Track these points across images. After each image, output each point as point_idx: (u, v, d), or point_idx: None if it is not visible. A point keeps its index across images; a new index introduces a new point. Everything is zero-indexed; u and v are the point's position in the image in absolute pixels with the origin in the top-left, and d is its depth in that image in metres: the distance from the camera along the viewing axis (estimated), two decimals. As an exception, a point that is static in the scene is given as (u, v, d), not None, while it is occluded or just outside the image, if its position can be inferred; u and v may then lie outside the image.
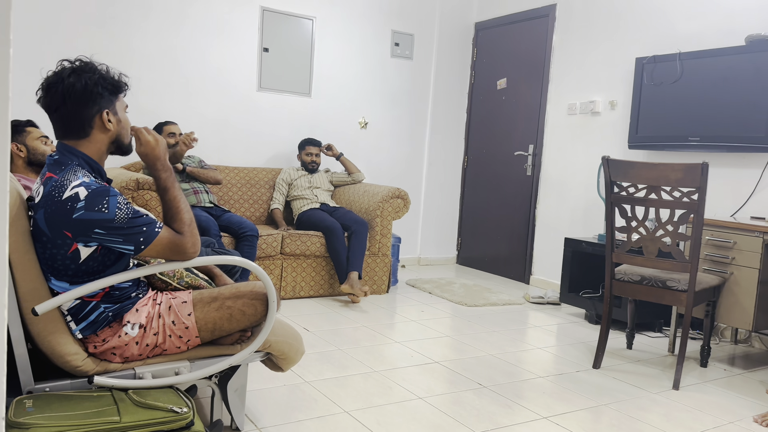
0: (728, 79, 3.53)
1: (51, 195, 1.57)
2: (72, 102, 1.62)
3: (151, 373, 1.74)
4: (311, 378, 2.60)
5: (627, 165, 2.81)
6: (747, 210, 3.57)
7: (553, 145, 4.80)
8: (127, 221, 1.58)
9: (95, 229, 1.56)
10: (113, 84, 1.70)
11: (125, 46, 4.12)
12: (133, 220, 1.60)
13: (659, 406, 2.53)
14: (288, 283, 3.97)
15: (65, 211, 1.55)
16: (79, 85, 1.63)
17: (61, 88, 1.62)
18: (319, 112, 4.92)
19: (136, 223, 1.60)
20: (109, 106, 1.69)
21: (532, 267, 4.99)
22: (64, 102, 1.62)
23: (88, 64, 1.68)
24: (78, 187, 1.56)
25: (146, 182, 3.36)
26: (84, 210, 1.55)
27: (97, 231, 1.56)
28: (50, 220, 1.56)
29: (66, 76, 1.63)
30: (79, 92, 1.62)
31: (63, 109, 1.63)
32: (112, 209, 1.57)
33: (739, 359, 3.28)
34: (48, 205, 1.57)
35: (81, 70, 1.65)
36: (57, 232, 1.57)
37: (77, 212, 1.54)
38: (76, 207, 1.55)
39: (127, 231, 1.59)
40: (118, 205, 1.58)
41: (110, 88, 1.69)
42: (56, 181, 1.59)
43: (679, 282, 2.79)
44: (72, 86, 1.62)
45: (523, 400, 2.50)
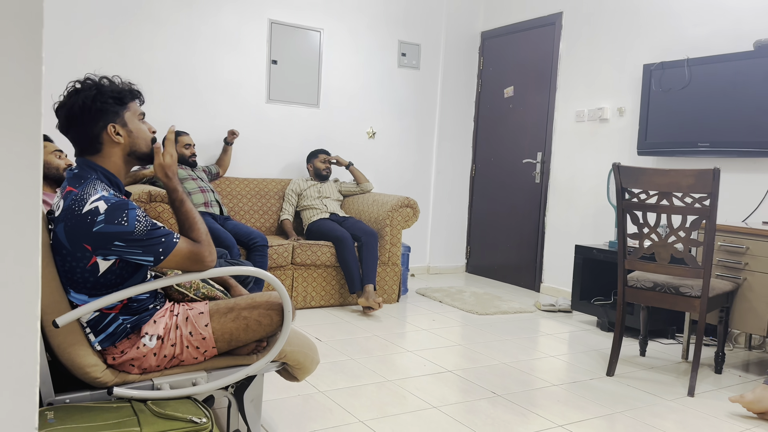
0: (737, 85, 3.53)
1: (71, 209, 1.60)
2: (76, 122, 1.66)
3: (169, 383, 1.75)
4: (325, 388, 2.60)
5: (638, 171, 2.81)
6: (759, 215, 3.56)
7: (562, 153, 4.80)
8: (146, 233, 1.61)
9: (115, 241, 1.58)
10: (116, 96, 1.70)
11: (136, 59, 4.16)
12: (151, 231, 1.62)
13: (674, 413, 2.51)
14: (299, 293, 3.98)
15: (85, 225, 1.57)
16: (77, 106, 1.65)
17: (65, 111, 1.67)
18: (327, 122, 4.95)
19: (154, 234, 1.62)
20: (114, 120, 1.69)
21: (542, 275, 4.99)
22: (69, 123, 1.67)
23: (87, 81, 1.68)
24: (98, 201, 1.59)
25: (158, 195, 3.38)
26: (104, 223, 1.57)
27: (117, 243, 1.58)
28: (70, 234, 1.58)
29: (68, 97, 1.67)
30: (78, 112, 1.65)
31: (72, 130, 1.68)
32: (131, 222, 1.59)
33: (754, 365, 3.26)
34: (68, 219, 1.59)
35: (80, 89, 1.67)
36: (77, 246, 1.59)
37: (97, 225, 1.56)
38: (96, 220, 1.57)
39: (147, 243, 1.61)
40: (137, 217, 1.61)
41: (112, 100, 1.69)
42: (76, 195, 1.61)
43: (692, 288, 2.78)
44: (72, 107, 1.66)
45: (538, 408, 2.49)
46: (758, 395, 2.47)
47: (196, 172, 4.05)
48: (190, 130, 4.38)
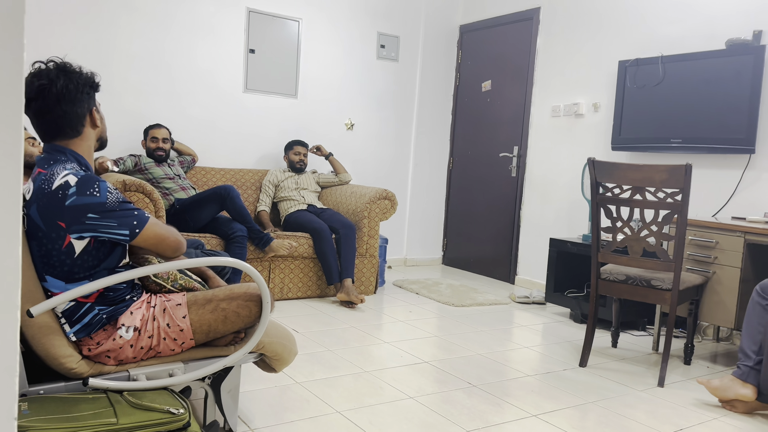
0: (709, 82, 3.61)
1: (41, 188, 1.60)
2: (66, 103, 1.66)
3: (146, 374, 1.74)
4: (302, 379, 2.61)
5: (612, 166, 2.86)
6: (728, 210, 3.65)
7: (538, 147, 4.86)
8: (118, 204, 1.62)
9: (88, 213, 1.58)
10: (94, 83, 1.76)
11: (111, 46, 4.09)
12: (124, 204, 1.64)
13: (645, 403, 2.58)
14: (276, 284, 3.97)
15: (57, 200, 1.57)
16: (72, 86, 1.67)
17: (55, 91, 1.64)
18: (305, 113, 4.93)
19: (127, 207, 1.64)
20: (95, 104, 1.76)
21: (517, 267, 5.05)
22: (58, 104, 1.65)
23: (68, 64, 1.71)
24: (67, 176, 1.60)
25: (133, 184, 3.34)
26: (76, 196, 1.57)
27: (91, 216, 1.58)
28: (43, 212, 1.58)
29: (55, 77, 1.65)
30: (73, 93, 1.67)
31: (57, 110, 1.66)
32: (103, 193, 1.60)
33: (722, 357, 3.35)
34: (40, 198, 1.59)
35: (68, 71, 1.68)
36: (51, 225, 1.58)
37: (69, 199, 1.57)
38: (67, 194, 1.58)
39: (120, 214, 1.61)
40: (108, 189, 1.62)
41: (93, 88, 1.75)
42: (45, 175, 1.63)
43: (664, 281, 2.84)
44: (65, 88, 1.66)
45: (512, 399, 2.53)
46: (725, 384, 2.54)
47: (173, 169, 4.00)
48: (166, 119, 4.32)
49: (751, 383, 2.49)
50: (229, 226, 3.67)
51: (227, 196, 3.64)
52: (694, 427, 2.36)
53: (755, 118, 3.41)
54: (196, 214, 3.67)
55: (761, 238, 2.90)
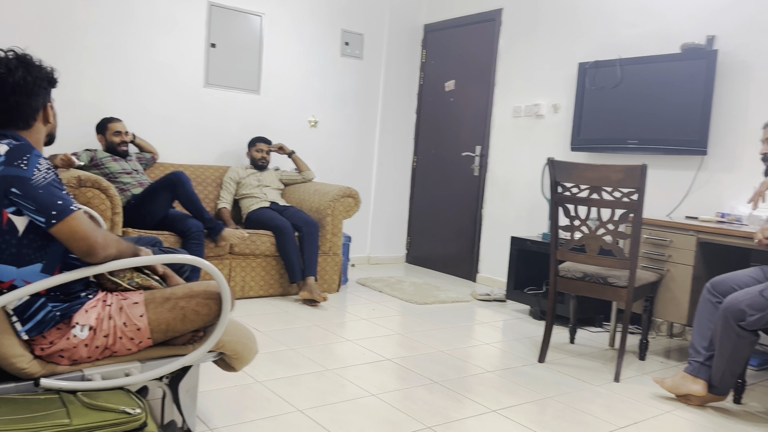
0: (665, 85, 3.71)
1: None
2: (21, 95, 1.62)
3: (101, 374, 1.70)
4: (263, 378, 2.58)
5: (571, 166, 2.92)
6: (682, 210, 3.76)
7: (500, 147, 4.92)
8: (44, 186, 1.53)
9: (11, 188, 1.51)
10: (52, 78, 1.72)
11: (67, 38, 3.98)
12: (51, 187, 1.54)
13: (601, 398, 2.64)
14: (237, 283, 3.93)
15: None
16: (30, 79, 1.63)
17: (12, 81, 1.60)
18: (268, 109, 4.88)
19: (53, 192, 1.54)
20: (50, 100, 1.72)
21: (479, 265, 5.10)
22: (12, 93, 1.61)
23: (29, 56, 1.67)
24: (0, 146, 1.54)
25: (89, 179, 3.26)
26: (4, 166, 1.51)
27: (14, 191, 1.51)
28: None
29: (14, 68, 1.62)
30: (30, 85, 1.63)
31: (11, 100, 1.61)
32: (31, 167, 1.52)
33: (675, 352, 3.45)
34: None
35: (28, 63, 1.65)
36: None
37: None
38: None
39: (42, 197, 1.51)
40: (38, 165, 1.54)
41: (50, 83, 1.71)
42: None
43: (620, 278, 2.91)
44: (23, 79, 1.62)
45: (473, 394, 2.56)
46: (677, 381, 2.63)
47: (131, 164, 3.91)
48: (123, 114, 4.23)
49: (702, 378, 2.57)
50: (186, 222, 3.60)
51: (177, 181, 3.56)
52: (649, 421, 2.42)
53: (707, 120, 3.52)
54: (151, 207, 3.59)
55: (713, 237, 2.99)
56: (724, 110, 3.57)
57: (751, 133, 3.47)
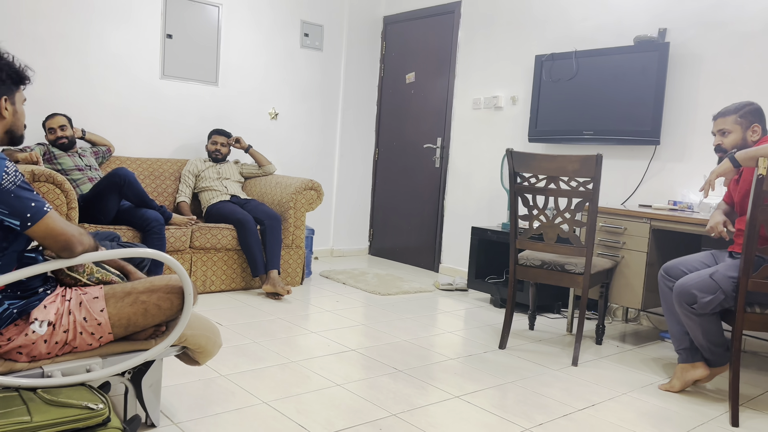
0: (618, 77, 3.81)
1: None
2: None
3: (61, 371, 1.67)
4: (227, 371, 2.57)
5: (529, 157, 2.98)
6: (636, 198, 3.88)
7: (460, 138, 4.97)
8: (14, 189, 1.51)
9: None
10: (17, 74, 1.67)
11: (15, 28, 3.85)
12: (21, 190, 1.53)
13: (560, 382, 2.71)
14: (198, 277, 3.88)
15: None
16: None
17: None
18: (227, 101, 4.82)
19: (23, 194, 1.53)
20: (8, 94, 1.66)
21: (441, 255, 5.16)
22: None
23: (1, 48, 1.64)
24: None
25: (42, 174, 3.17)
26: None
27: None
28: None
29: None
30: None
31: None
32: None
33: (630, 336, 3.57)
34: None
35: None
36: None
37: None
38: None
39: (14, 201, 1.51)
40: (6, 169, 1.51)
41: (14, 77, 1.66)
42: None
43: (576, 266, 3.00)
44: None
45: (436, 381, 2.61)
46: (680, 377, 2.65)
47: (84, 160, 3.81)
48: (77, 107, 4.12)
49: (698, 361, 2.63)
50: (145, 216, 3.54)
51: (123, 183, 3.45)
52: (606, 403, 2.51)
53: (660, 111, 3.64)
54: (101, 208, 3.50)
55: (665, 224, 3.10)
56: (676, 101, 3.69)
57: (701, 124, 3.60)
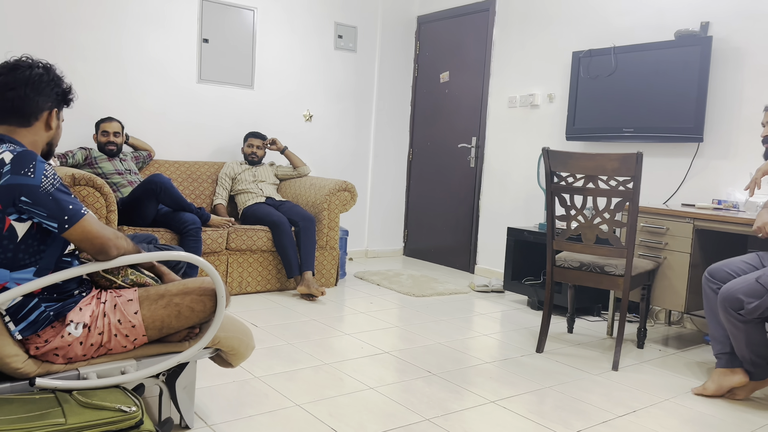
0: (659, 73, 3.70)
1: None
2: (32, 88, 1.65)
3: (96, 373, 1.70)
4: (261, 373, 2.58)
5: (566, 155, 2.91)
6: (678, 197, 3.75)
7: (495, 137, 4.90)
8: (53, 192, 1.55)
9: (21, 196, 1.53)
10: (66, 93, 1.77)
11: (58, 37, 3.95)
12: (59, 193, 1.57)
13: (600, 387, 2.64)
14: (234, 278, 3.92)
15: None
16: (46, 78, 1.68)
17: (28, 73, 1.65)
18: (262, 104, 4.86)
19: (61, 197, 1.57)
20: (58, 109, 1.76)
21: (476, 256, 5.10)
22: (25, 85, 1.64)
23: (54, 67, 1.75)
24: (3, 153, 1.56)
25: (83, 177, 3.24)
26: (10, 174, 1.53)
27: (24, 199, 1.53)
28: None
29: (35, 66, 1.68)
30: (44, 84, 1.67)
31: (20, 90, 1.64)
32: (38, 175, 1.55)
33: (673, 340, 3.45)
34: None
35: (49, 69, 1.72)
36: None
37: (4, 177, 1.53)
38: (2, 172, 1.53)
39: (52, 203, 1.54)
40: (45, 172, 1.56)
41: (64, 96, 1.76)
42: None
43: (616, 267, 2.91)
44: (40, 76, 1.67)
45: (471, 386, 2.56)
46: (716, 382, 2.55)
47: (125, 164, 3.89)
48: (117, 112, 4.20)
49: (738, 367, 2.52)
50: (182, 219, 3.59)
51: (159, 189, 3.49)
52: (647, 409, 2.42)
53: (703, 107, 3.51)
54: (140, 212, 3.56)
55: (709, 224, 2.99)
56: (719, 97, 3.56)
57: (746, 120, 3.46)
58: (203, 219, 3.73)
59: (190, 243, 3.58)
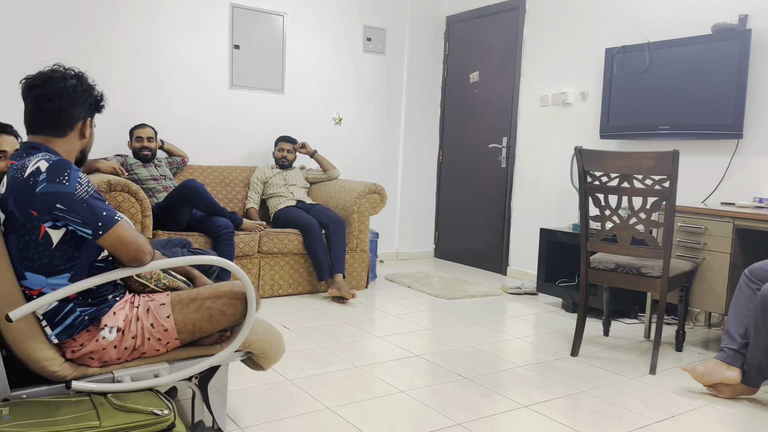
0: (696, 68, 3.60)
1: (14, 178, 1.60)
2: (66, 99, 1.68)
3: (130, 376, 1.72)
4: (292, 376, 2.59)
5: (599, 154, 2.85)
6: (717, 196, 3.65)
7: (527, 137, 4.84)
8: (87, 199, 1.58)
9: (57, 203, 1.56)
10: (99, 101, 1.80)
11: (93, 45, 4.04)
12: (93, 200, 1.60)
13: (637, 391, 2.57)
14: (266, 281, 3.95)
15: (29, 187, 1.57)
16: (79, 89, 1.71)
17: (63, 85, 1.68)
18: (293, 108, 4.90)
19: (96, 204, 1.60)
20: (92, 117, 1.79)
21: (509, 258, 5.04)
22: (59, 96, 1.67)
23: (86, 75, 1.78)
24: (39, 162, 1.59)
25: (118, 184, 3.31)
26: (46, 182, 1.56)
27: (59, 207, 1.57)
28: (18, 201, 1.58)
29: (69, 77, 1.71)
30: (78, 94, 1.71)
31: (56, 102, 1.67)
32: (72, 183, 1.58)
33: (713, 342, 3.35)
34: (14, 188, 1.59)
35: (82, 78, 1.75)
36: (25, 214, 1.58)
37: (40, 185, 1.57)
38: (38, 180, 1.57)
39: (86, 210, 1.57)
40: (79, 179, 1.59)
41: (96, 104, 1.79)
42: (17, 166, 1.63)
43: (653, 268, 2.84)
44: (74, 87, 1.70)
45: (504, 390, 2.53)
46: (708, 369, 2.53)
47: (159, 170, 3.96)
48: (152, 119, 4.28)
49: (737, 366, 2.48)
50: (215, 223, 3.63)
51: (193, 194, 3.55)
52: (686, 414, 2.36)
53: (742, 103, 3.41)
54: (175, 217, 3.62)
55: (750, 223, 2.89)
56: (759, 91, 3.45)
57: (788, 115, 3.34)
58: (236, 223, 3.78)
59: (224, 247, 3.62)
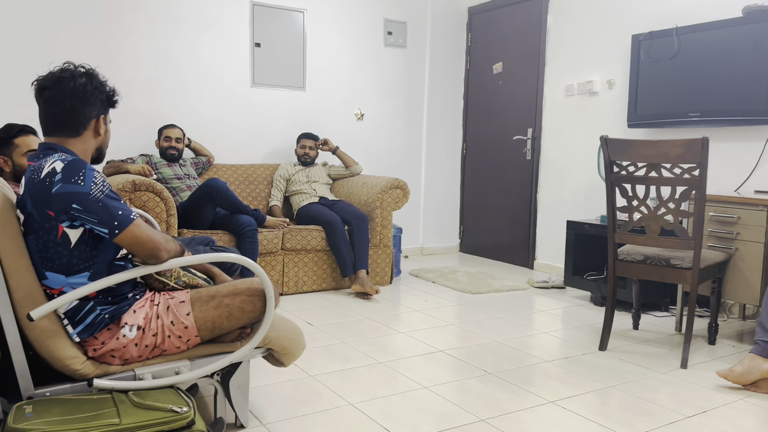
0: (726, 53, 3.48)
1: (31, 179, 1.62)
2: (77, 99, 1.68)
3: (152, 373, 1.73)
4: (315, 372, 2.59)
5: (626, 143, 2.78)
6: (751, 184, 3.53)
7: (552, 128, 4.76)
8: (102, 198, 1.59)
9: (73, 204, 1.57)
10: (112, 96, 1.79)
11: (116, 47, 4.09)
12: (109, 199, 1.60)
13: (667, 386, 2.51)
14: (290, 278, 3.96)
15: (45, 188, 1.58)
16: (90, 88, 1.70)
17: (72, 85, 1.67)
18: (314, 105, 4.89)
19: (111, 203, 1.60)
20: (105, 114, 1.79)
21: (535, 252, 4.97)
22: (70, 97, 1.67)
23: (95, 71, 1.76)
24: (54, 163, 1.60)
25: (143, 184, 3.34)
26: (61, 183, 1.57)
27: (75, 207, 1.57)
28: (35, 202, 1.60)
29: (78, 75, 1.70)
30: (88, 93, 1.70)
31: (67, 103, 1.67)
32: (87, 182, 1.58)
33: (748, 335, 3.25)
34: (31, 189, 1.61)
35: (92, 75, 1.74)
36: (43, 214, 1.59)
37: (56, 186, 1.58)
38: (54, 181, 1.58)
39: (101, 210, 1.58)
40: (94, 179, 1.60)
41: (109, 100, 1.78)
42: (33, 167, 1.64)
43: (683, 260, 2.76)
44: (84, 86, 1.69)
45: (529, 386, 2.48)
46: (746, 367, 2.45)
47: (183, 169, 4.00)
48: (176, 119, 4.32)
49: None
50: (238, 221, 3.65)
51: (216, 193, 3.57)
52: (719, 409, 2.28)
53: (775, 87, 3.29)
54: (198, 216, 3.65)
55: (785, 212, 2.79)
56: (794, 75, 3.32)
57: (825, 98, 3.21)
58: (259, 220, 3.79)
59: (247, 244, 3.63)
